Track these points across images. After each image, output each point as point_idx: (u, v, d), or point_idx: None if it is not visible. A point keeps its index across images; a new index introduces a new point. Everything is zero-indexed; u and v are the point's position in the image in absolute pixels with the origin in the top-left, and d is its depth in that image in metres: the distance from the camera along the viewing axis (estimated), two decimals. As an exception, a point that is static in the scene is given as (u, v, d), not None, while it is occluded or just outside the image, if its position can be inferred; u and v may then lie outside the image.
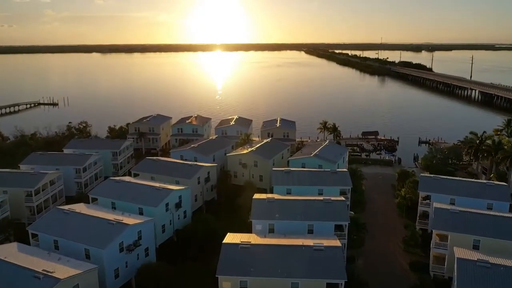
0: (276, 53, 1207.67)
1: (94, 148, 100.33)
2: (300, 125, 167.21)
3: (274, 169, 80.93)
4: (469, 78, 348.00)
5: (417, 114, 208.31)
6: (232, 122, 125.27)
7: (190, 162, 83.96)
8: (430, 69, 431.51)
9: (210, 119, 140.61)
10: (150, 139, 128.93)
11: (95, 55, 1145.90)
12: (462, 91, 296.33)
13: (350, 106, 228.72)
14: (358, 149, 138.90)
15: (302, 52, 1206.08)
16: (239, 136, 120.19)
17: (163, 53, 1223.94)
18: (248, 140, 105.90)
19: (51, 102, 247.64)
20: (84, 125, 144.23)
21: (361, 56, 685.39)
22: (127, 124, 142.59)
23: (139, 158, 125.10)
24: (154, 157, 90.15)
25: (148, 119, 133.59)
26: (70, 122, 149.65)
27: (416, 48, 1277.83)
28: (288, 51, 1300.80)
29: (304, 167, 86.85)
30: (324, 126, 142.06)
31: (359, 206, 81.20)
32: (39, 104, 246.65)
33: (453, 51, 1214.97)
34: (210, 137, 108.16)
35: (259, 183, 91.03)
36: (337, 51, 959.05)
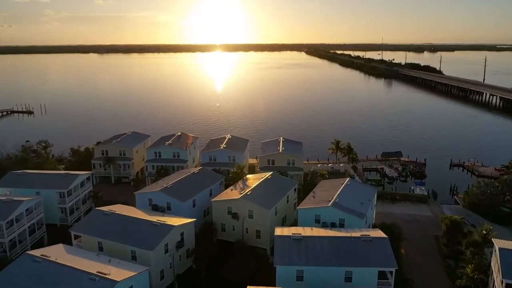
0: (276, 53, 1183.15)
1: (36, 187, 74.74)
2: (307, 141, 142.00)
3: (277, 232, 55.21)
4: (482, 82, 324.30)
5: (439, 125, 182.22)
6: (223, 145, 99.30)
7: (155, 221, 57.86)
8: (440, 72, 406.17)
9: (197, 138, 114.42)
10: (120, 165, 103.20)
11: (92, 55, 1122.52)
12: (480, 96, 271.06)
13: (361, 115, 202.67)
14: (378, 175, 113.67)
15: (303, 53, 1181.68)
16: (231, 164, 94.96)
17: (161, 53, 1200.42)
18: (242, 174, 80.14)
19: (26, 110, 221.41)
20: (44, 144, 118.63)
21: (364, 57, 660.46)
22: (98, 143, 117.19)
23: (109, 188, 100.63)
24: (107, 208, 64.04)
25: (119, 139, 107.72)
26: (27, 141, 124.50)
27: (418, 48, 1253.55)
28: (288, 52, 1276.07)
29: (318, 220, 61.59)
30: (337, 146, 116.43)
31: (400, 286, 55.49)
32: (13, 112, 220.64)
33: (455, 51, 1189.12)
34: (192, 171, 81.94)
35: (255, 240, 65.64)
36: (338, 52, 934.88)
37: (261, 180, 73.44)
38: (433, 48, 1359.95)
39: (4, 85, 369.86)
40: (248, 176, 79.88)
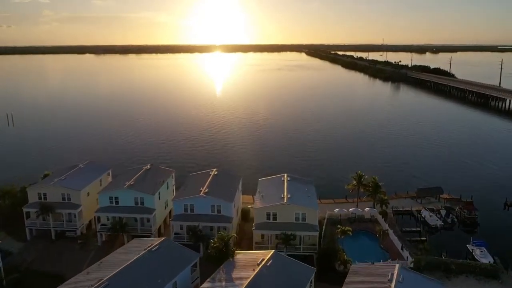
0: (275, 54, 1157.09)
1: None
2: (316, 169, 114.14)
3: None
4: (498, 85, 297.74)
5: (473, 142, 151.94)
6: (205, 188, 70.73)
7: None
8: (452, 75, 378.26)
9: (172, 172, 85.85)
10: (63, 215, 74.74)
11: (88, 56, 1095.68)
12: (502, 104, 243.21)
13: (375, 127, 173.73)
14: (414, 220, 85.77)
15: (303, 54, 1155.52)
16: (215, 217, 66.89)
17: (159, 54, 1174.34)
18: (227, 250, 51.62)
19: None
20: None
21: (367, 58, 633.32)
22: (45, 176, 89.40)
23: (47, 247, 72.52)
24: None
25: (63, 176, 78.90)
26: None
27: (420, 49, 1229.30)
28: (288, 53, 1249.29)
29: None
30: (359, 182, 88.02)
31: None
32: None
33: (458, 52, 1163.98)
34: (147, 245, 53.08)
35: None
36: (340, 53, 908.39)
37: (257, 271, 44.93)
38: (435, 49, 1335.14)
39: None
40: (237, 254, 51.39)
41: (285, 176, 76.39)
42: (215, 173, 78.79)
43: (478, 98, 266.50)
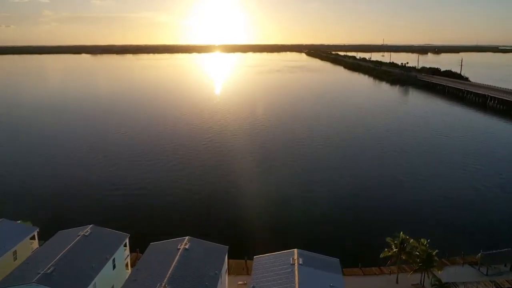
0: (275, 54, 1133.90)
1: None
2: (334, 222, 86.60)
3: None
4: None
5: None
6: (165, 284, 42.96)
7: None
8: (467, 78, 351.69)
9: (126, 237, 57.53)
10: None
11: (84, 56, 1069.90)
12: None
13: (408, 155, 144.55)
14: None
15: (303, 54, 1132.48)
16: None
17: (157, 54, 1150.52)
18: None
19: None
20: None
21: (370, 59, 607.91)
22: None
23: None
24: None
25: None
26: None
27: (421, 49, 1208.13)
28: (288, 53, 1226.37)
29: None
30: (400, 248, 60.38)
31: None
32: None
33: (460, 53, 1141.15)
34: None
35: None
36: (341, 53, 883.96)
37: None
38: (437, 50, 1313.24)
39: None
40: None
41: (296, 255, 48.42)
42: (186, 246, 50.80)
43: (500, 104, 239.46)
